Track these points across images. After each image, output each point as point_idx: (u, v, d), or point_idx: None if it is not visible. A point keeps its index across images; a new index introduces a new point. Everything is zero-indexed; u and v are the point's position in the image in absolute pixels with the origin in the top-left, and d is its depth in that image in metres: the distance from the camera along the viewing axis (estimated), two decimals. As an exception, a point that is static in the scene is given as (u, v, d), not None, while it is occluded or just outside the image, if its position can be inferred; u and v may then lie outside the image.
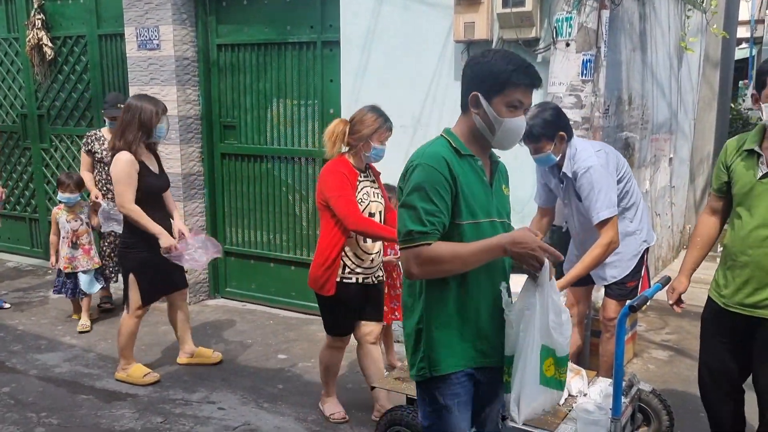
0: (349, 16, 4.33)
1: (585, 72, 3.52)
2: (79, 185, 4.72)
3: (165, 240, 3.68)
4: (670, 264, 6.43)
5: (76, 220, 4.75)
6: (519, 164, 3.95)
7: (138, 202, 3.66)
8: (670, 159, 6.15)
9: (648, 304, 4.07)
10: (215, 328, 4.82)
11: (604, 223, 3.06)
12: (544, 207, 3.47)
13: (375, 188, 3.29)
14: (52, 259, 4.78)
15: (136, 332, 3.93)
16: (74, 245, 4.73)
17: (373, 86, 4.31)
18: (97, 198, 4.80)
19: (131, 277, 3.79)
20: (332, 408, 3.49)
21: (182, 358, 4.18)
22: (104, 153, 4.81)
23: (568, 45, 3.53)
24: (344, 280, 3.19)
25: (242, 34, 5.02)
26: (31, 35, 5.84)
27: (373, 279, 3.29)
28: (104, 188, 4.89)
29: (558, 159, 3.16)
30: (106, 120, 4.85)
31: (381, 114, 3.19)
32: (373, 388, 3.30)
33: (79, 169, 6.03)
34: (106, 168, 4.77)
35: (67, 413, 3.56)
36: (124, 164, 3.61)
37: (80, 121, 5.99)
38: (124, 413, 3.56)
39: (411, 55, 4.17)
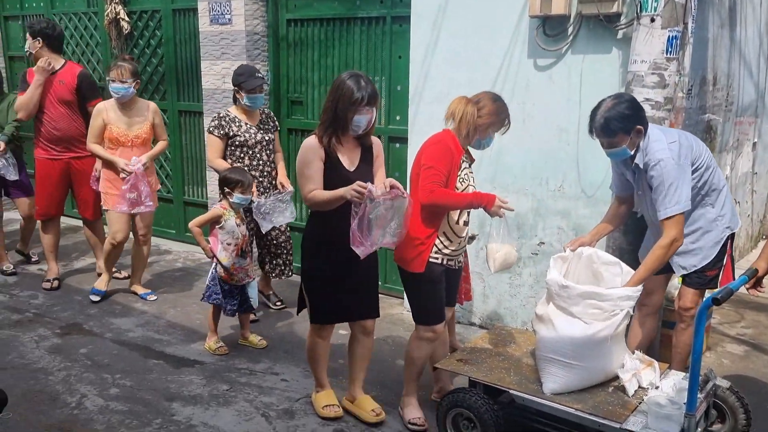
0: (421, -9, 4.25)
1: (670, 49, 3.32)
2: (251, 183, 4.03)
3: (353, 190, 2.80)
4: (747, 254, 6.10)
5: (243, 224, 4.01)
6: (590, 148, 3.81)
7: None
8: (754, 144, 5.81)
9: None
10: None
11: (668, 219, 2.91)
12: (621, 195, 3.33)
13: (471, 172, 3.17)
14: (209, 251, 3.94)
15: (321, 353, 3.28)
16: (243, 253, 3.97)
17: (443, 63, 4.23)
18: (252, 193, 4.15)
19: (301, 286, 3.24)
20: (413, 412, 3.22)
21: (345, 401, 3.39)
22: (247, 136, 4.31)
23: (653, 20, 3.34)
24: (430, 260, 3.05)
25: (311, 9, 5.01)
26: (109, 9, 6.01)
27: (456, 263, 3.19)
28: None
29: (632, 153, 3.03)
30: (244, 95, 4.22)
31: (505, 107, 3.08)
32: (435, 368, 3.28)
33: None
34: (250, 152, 4.35)
35: (140, 376, 3.70)
36: (303, 151, 3.00)
37: (154, 94, 6.15)
38: (192, 379, 3.68)
39: (483, 31, 4.06)
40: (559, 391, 2.83)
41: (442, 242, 3.07)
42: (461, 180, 3.05)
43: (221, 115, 4.34)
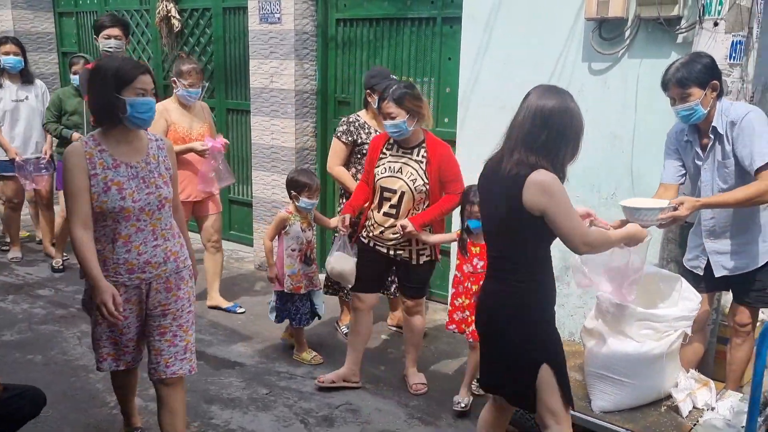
0: (473, -8, 4.16)
1: (734, 55, 3.17)
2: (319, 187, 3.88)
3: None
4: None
5: (309, 229, 3.86)
6: (645, 155, 3.67)
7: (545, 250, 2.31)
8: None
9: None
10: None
11: (764, 168, 2.72)
12: (669, 183, 3.15)
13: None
14: (273, 270, 3.86)
15: None
16: (307, 260, 3.89)
17: (494, 65, 4.13)
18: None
19: (545, 368, 2.27)
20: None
21: None
22: None
23: (716, 24, 3.19)
24: None
25: (361, 9, 4.97)
26: (161, 7, 6.08)
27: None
28: None
29: (705, 113, 2.84)
30: (376, 99, 3.83)
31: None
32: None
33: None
34: None
35: (181, 375, 3.71)
36: (556, 187, 2.17)
37: (202, 92, 6.20)
38: (232, 381, 3.68)
39: (537, 33, 3.95)
40: (610, 409, 2.73)
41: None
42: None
43: (350, 119, 4.00)
